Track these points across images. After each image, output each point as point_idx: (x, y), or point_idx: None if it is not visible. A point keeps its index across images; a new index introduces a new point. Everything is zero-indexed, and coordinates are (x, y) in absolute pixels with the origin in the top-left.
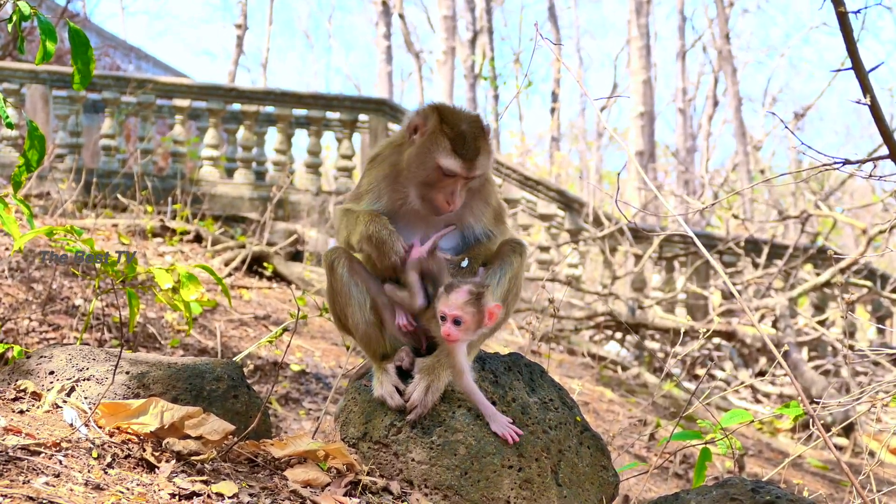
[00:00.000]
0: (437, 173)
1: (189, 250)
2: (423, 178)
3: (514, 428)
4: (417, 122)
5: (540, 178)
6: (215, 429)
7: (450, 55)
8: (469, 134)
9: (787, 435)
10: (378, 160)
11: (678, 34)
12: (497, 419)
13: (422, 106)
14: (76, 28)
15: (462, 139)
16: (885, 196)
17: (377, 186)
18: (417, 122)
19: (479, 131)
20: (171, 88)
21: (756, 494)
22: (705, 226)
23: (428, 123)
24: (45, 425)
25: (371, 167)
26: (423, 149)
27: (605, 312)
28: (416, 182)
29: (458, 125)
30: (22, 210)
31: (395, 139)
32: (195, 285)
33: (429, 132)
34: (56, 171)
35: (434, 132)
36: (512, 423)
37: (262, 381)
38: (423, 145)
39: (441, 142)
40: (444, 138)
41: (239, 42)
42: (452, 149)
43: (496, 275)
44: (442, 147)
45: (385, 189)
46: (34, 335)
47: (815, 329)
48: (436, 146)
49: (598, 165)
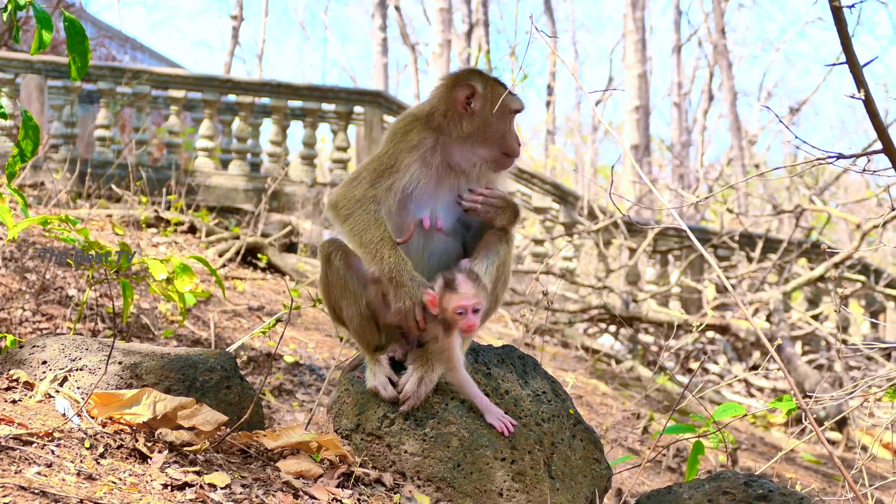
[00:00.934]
0: (509, 118)
1: (183, 241)
2: (500, 131)
3: (508, 419)
4: (467, 93)
5: (535, 172)
6: (208, 419)
7: (445, 48)
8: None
9: (779, 429)
10: (402, 133)
11: (674, 28)
12: (491, 410)
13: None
14: (72, 18)
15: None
16: (879, 191)
17: (404, 161)
18: (467, 92)
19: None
20: (166, 79)
21: (749, 488)
22: (700, 220)
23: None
24: (37, 415)
25: (394, 141)
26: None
27: (599, 305)
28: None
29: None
30: (16, 200)
31: (421, 113)
32: (189, 276)
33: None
34: (51, 162)
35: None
36: (506, 415)
37: (255, 372)
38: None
39: (501, 90)
40: (501, 87)
41: (235, 33)
42: (510, 92)
43: (483, 263)
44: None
45: (414, 161)
46: (27, 325)
47: (808, 323)
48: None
49: (593, 159)
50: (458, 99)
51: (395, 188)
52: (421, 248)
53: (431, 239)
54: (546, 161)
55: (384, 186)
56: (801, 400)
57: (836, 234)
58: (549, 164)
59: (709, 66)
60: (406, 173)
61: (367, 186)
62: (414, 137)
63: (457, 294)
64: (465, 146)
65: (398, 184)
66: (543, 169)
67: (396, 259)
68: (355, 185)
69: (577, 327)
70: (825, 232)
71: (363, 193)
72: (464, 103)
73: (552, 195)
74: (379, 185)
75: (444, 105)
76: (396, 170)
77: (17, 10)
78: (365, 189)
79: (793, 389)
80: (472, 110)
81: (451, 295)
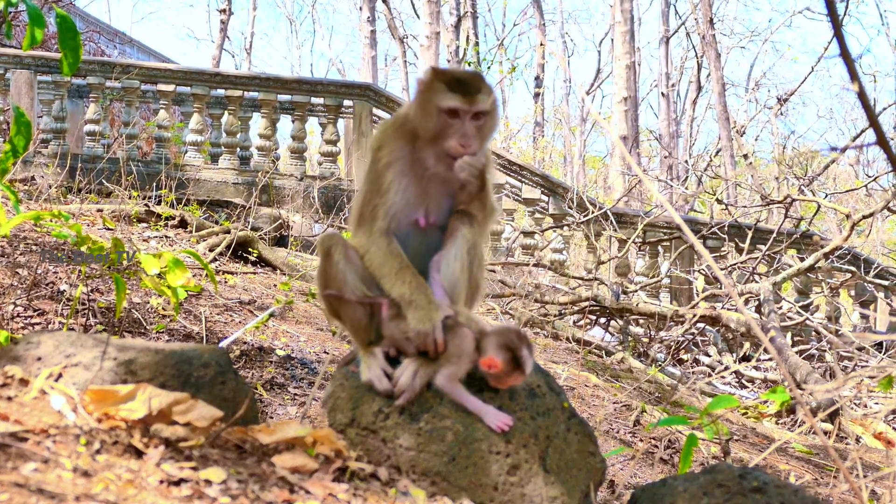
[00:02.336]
0: (443, 118)
1: (174, 235)
2: (431, 130)
3: (504, 417)
4: (420, 88)
5: (524, 163)
6: (203, 415)
7: (434, 40)
8: (465, 76)
9: (771, 419)
10: (376, 150)
11: (662, 19)
12: (489, 413)
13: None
14: (64, 14)
15: (457, 79)
16: (868, 181)
17: (385, 182)
18: (420, 87)
19: (477, 77)
20: (155, 73)
21: (743, 480)
22: (689, 211)
23: (425, 83)
24: (32, 412)
25: (372, 161)
26: (424, 102)
27: (589, 297)
28: (428, 139)
29: (453, 73)
30: (8, 195)
31: (397, 118)
32: (182, 271)
33: (426, 84)
34: (41, 157)
35: (431, 81)
36: (499, 411)
37: (247, 366)
38: (424, 99)
39: (438, 86)
40: (440, 82)
41: (223, 27)
42: (449, 89)
43: (450, 253)
44: (439, 91)
45: (394, 178)
46: (19, 320)
47: (799, 314)
48: (434, 93)
49: (581, 150)
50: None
51: (389, 211)
52: (418, 244)
53: (427, 235)
54: (535, 153)
55: (381, 215)
56: (795, 391)
57: (826, 224)
58: (539, 155)
59: (697, 56)
60: (390, 192)
61: (369, 222)
62: (385, 154)
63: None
64: (430, 146)
65: (389, 205)
66: (532, 160)
67: (416, 284)
68: (360, 225)
69: (568, 319)
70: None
71: (368, 232)
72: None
73: (541, 187)
74: (376, 215)
75: (413, 104)
76: (382, 193)
77: (9, 7)
78: (368, 226)
79: (785, 380)
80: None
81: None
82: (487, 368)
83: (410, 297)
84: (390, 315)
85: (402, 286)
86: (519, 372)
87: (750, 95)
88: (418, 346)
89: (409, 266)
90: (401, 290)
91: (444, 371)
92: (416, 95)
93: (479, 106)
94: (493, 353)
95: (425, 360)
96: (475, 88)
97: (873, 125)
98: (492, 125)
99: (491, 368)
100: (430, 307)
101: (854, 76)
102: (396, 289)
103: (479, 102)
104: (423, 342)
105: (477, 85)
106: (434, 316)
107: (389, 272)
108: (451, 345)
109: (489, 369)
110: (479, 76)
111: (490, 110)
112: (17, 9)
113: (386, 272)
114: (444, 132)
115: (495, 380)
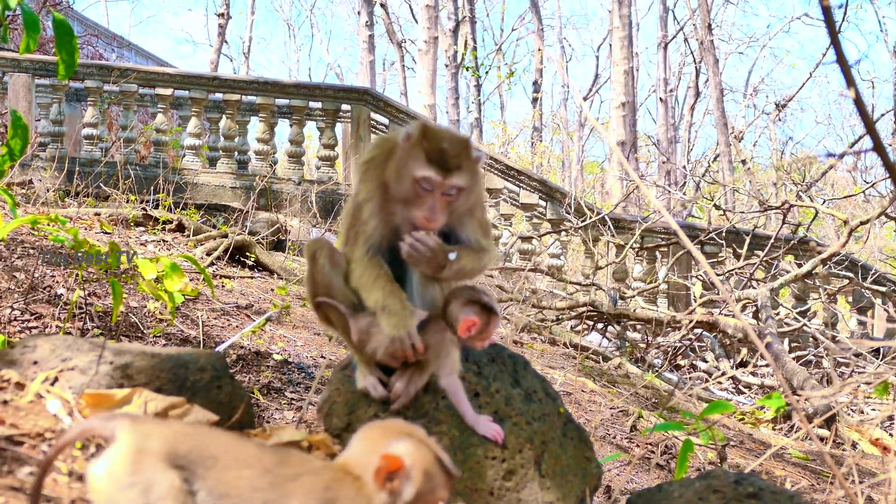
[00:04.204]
0: (415, 187)
1: (171, 239)
2: (402, 193)
3: (494, 426)
4: (403, 137)
5: (522, 168)
6: (199, 419)
7: (432, 45)
8: (450, 149)
9: (768, 425)
10: (361, 177)
11: (660, 24)
12: (479, 422)
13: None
14: (61, 18)
15: (439, 151)
16: (866, 187)
17: (364, 214)
18: (403, 136)
19: (463, 149)
20: (153, 77)
21: (739, 486)
22: (687, 216)
23: (410, 138)
24: (28, 415)
25: (368, 170)
26: (401, 162)
27: (586, 303)
28: (398, 198)
29: (440, 141)
30: (5, 199)
31: (382, 149)
32: (178, 275)
33: (409, 146)
34: (38, 160)
35: (414, 145)
36: (491, 419)
37: (244, 370)
38: (402, 159)
39: (417, 154)
40: (421, 150)
41: (221, 31)
42: (427, 159)
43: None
44: (417, 158)
45: (371, 215)
46: (16, 324)
47: (796, 320)
48: (412, 158)
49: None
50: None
51: (368, 240)
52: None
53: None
54: (533, 158)
55: (361, 241)
56: (791, 397)
57: (823, 230)
58: (536, 160)
59: (695, 62)
60: (368, 225)
61: (353, 244)
62: (363, 190)
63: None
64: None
65: (368, 235)
66: (530, 165)
67: (389, 290)
68: (346, 244)
69: (565, 324)
70: (812, 228)
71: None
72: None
73: (539, 192)
74: (357, 241)
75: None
76: (361, 223)
77: (6, 10)
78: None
79: (782, 386)
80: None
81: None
82: (468, 331)
83: (384, 302)
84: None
85: (377, 292)
86: (494, 316)
87: (748, 101)
88: (393, 353)
89: (386, 274)
90: (375, 296)
91: (442, 371)
92: (399, 151)
93: (452, 181)
94: (465, 315)
95: (420, 367)
96: (455, 163)
97: (870, 132)
98: (469, 200)
99: (471, 329)
100: (403, 312)
101: (850, 83)
102: (372, 297)
103: (454, 178)
104: (399, 349)
105: (458, 160)
106: (408, 322)
107: (367, 282)
108: (433, 341)
109: (470, 331)
110: (466, 146)
111: (466, 186)
112: (14, 12)
113: (364, 282)
114: (414, 199)
115: (479, 339)
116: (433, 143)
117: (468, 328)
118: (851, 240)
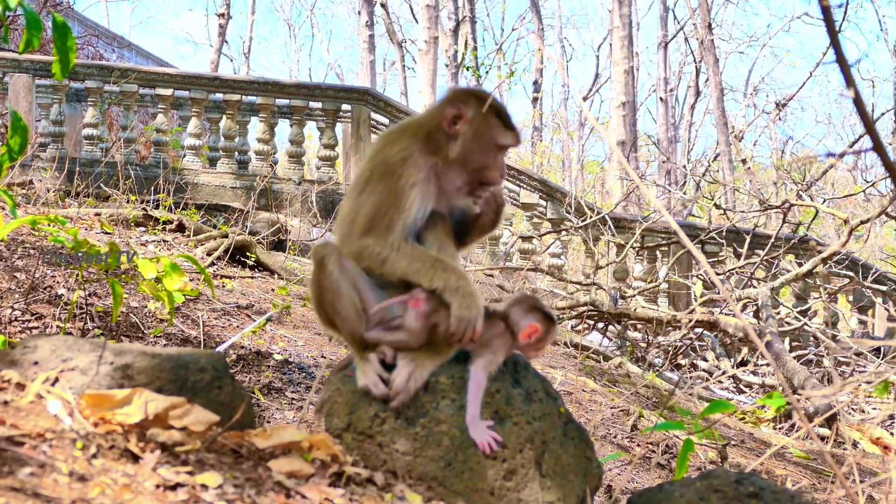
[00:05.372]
0: (496, 152)
1: (172, 239)
2: (480, 162)
3: (490, 435)
4: (454, 113)
5: (522, 168)
6: (200, 419)
7: (432, 44)
8: (504, 108)
9: (768, 425)
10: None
11: (660, 24)
12: (475, 424)
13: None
14: (59, 18)
15: (508, 117)
16: (866, 186)
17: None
18: (454, 112)
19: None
20: (153, 78)
21: (739, 486)
22: (687, 216)
23: (470, 111)
24: (29, 416)
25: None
26: (479, 132)
27: (587, 302)
28: (470, 167)
29: (502, 107)
30: (5, 199)
31: (419, 132)
32: (178, 275)
33: (478, 118)
34: (39, 160)
35: (488, 115)
36: (492, 424)
37: (244, 370)
38: (477, 131)
39: (494, 122)
40: (497, 119)
41: (221, 31)
42: (505, 126)
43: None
44: (497, 126)
45: (416, 196)
46: (16, 324)
47: (797, 319)
48: (490, 127)
49: (580, 155)
50: (445, 117)
51: (408, 227)
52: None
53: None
54: (533, 157)
55: (398, 228)
56: (792, 396)
57: (824, 229)
58: (537, 160)
59: (695, 61)
60: (412, 210)
61: (384, 232)
62: (410, 171)
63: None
64: (453, 170)
65: (410, 222)
66: (530, 165)
67: (459, 273)
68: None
69: (566, 324)
70: (813, 227)
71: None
72: (450, 122)
73: (539, 192)
74: (393, 227)
75: (436, 122)
76: (403, 209)
77: (6, 10)
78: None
79: (782, 385)
80: (458, 132)
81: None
82: (529, 338)
83: (456, 283)
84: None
85: (445, 274)
86: (553, 326)
87: (748, 100)
88: (456, 332)
89: (441, 259)
90: (443, 277)
91: (480, 360)
92: (462, 125)
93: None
94: (529, 321)
95: (420, 363)
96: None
97: (869, 131)
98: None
99: (532, 336)
100: (476, 294)
101: (850, 82)
102: (438, 279)
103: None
104: (464, 328)
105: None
106: (479, 303)
107: (423, 266)
108: (486, 334)
109: (530, 337)
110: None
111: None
112: (15, 13)
113: (418, 267)
114: (486, 164)
115: (535, 347)
116: (501, 111)
117: (530, 334)
118: (852, 239)
